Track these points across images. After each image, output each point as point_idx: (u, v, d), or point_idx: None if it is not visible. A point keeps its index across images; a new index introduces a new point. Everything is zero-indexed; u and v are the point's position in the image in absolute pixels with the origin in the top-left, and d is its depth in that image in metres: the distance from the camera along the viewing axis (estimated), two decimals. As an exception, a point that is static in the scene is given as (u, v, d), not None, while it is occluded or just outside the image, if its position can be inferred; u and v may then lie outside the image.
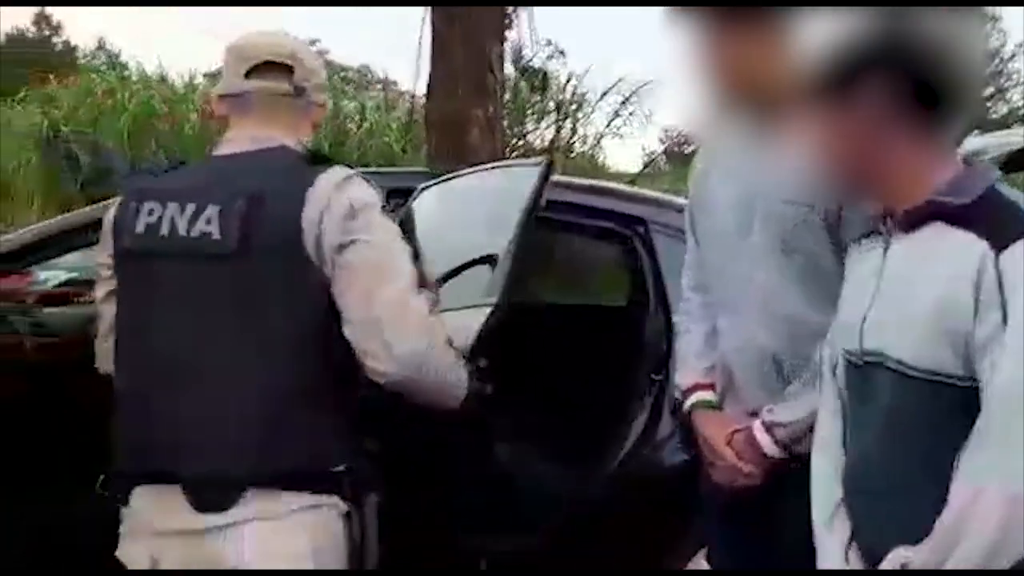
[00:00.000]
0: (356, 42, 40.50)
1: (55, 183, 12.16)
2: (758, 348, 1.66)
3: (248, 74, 1.62)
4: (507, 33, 6.25)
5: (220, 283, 1.50)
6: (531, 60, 8.64)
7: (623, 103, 11.83)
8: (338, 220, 1.47)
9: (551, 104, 11.20)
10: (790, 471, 1.57)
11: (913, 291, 1.18)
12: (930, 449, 1.16)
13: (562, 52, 8.70)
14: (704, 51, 1.55)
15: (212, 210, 1.49)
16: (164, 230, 1.52)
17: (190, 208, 1.51)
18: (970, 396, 1.11)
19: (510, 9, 6.22)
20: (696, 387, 1.79)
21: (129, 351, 1.61)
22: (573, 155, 11.52)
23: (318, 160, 1.56)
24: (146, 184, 1.63)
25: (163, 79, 14.63)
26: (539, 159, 2.04)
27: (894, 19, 1.15)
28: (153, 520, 1.54)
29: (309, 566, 1.50)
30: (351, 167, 1.58)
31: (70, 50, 30.85)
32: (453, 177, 2.26)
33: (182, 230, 1.51)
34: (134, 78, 14.47)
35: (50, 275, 2.80)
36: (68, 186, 11.93)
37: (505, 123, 6.13)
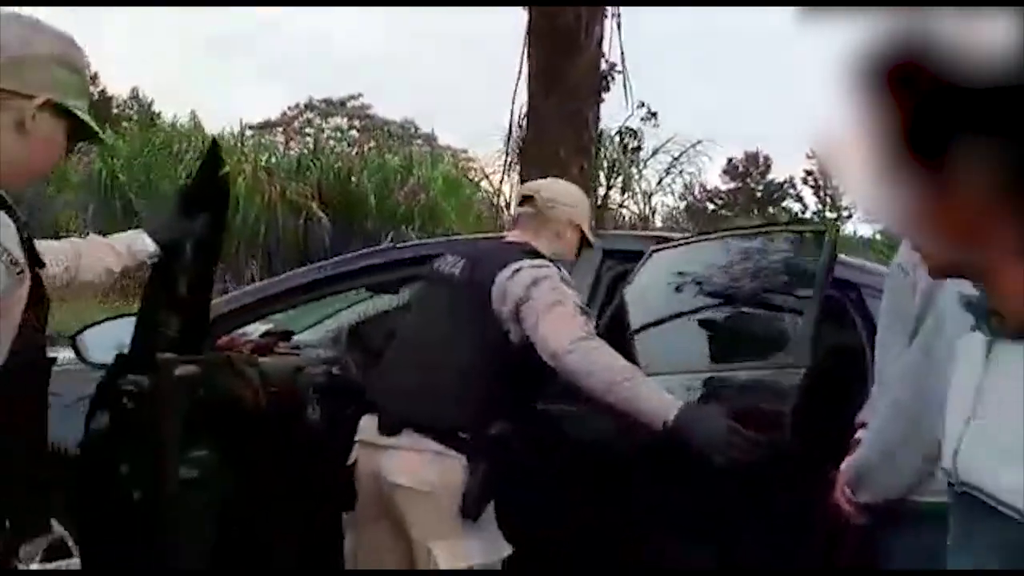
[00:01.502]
0: (399, 96, 41.02)
1: (110, 230, 12.34)
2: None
3: (520, 203, 2.46)
4: (603, 94, 6.34)
5: (448, 301, 2.28)
6: (626, 121, 8.80)
7: (674, 161, 11.99)
8: (523, 285, 2.13)
9: (604, 162, 11.34)
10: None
11: (1019, 419, 0.92)
12: None
13: (654, 114, 8.83)
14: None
15: (461, 262, 2.30)
16: (440, 269, 2.33)
17: (455, 259, 2.33)
18: None
19: (605, 68, 6.36)
20: (861, 424, 1.85)
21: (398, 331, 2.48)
22: (624, 211, 11.63)
23: (535, 255, 2.27)
24: (445, 246, 2.56)
25: (198, 127, 14.93)
26: (813, 225, 2.13)
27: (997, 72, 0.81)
28: (362, 433, 2.22)
29: (429, 492, 2.09)
30: (551, 261, 2.25)
31: (106, 100, 31.47)
32: (691, 241, 2.33)
33: (446, 270, 2.31)
34: (168, 126, 14.74)
35: (252, 327, 2.89)
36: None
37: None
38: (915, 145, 0.84)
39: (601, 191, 11.80)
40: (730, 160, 34.16)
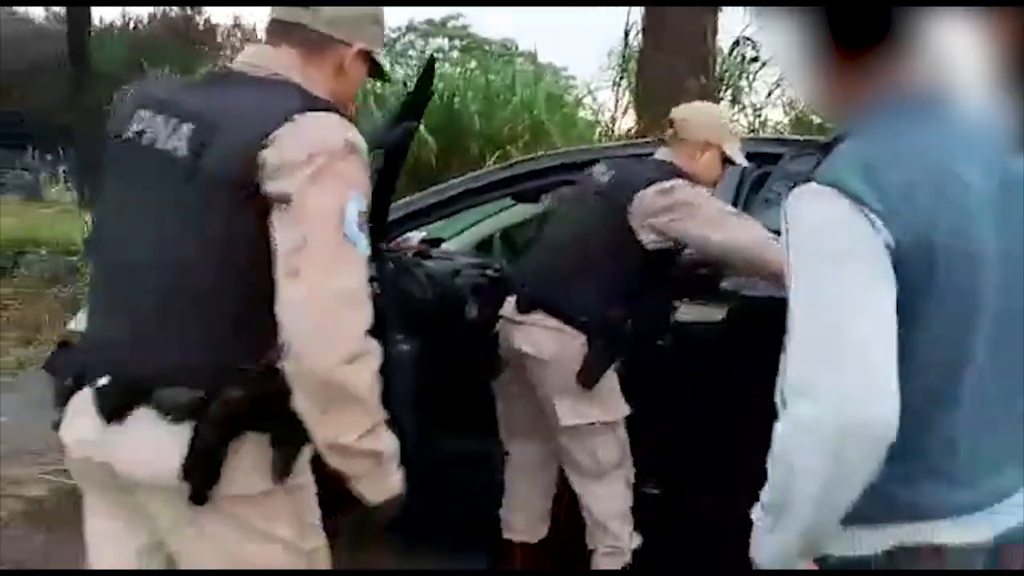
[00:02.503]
0: (498, 14, 40.49)
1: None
2: None
3: (668, 126, 2.71)
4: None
5: (592, 204, 2.62)
6: (744, 31, 8.62)
7: (784, 74, 11.64)
8: (677, 201, 2.45)
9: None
10: None
11: None
12: None
13: None
14: None
15: (611, 172, 2.63)
16: (593, 175, 2.68)
17: (606, 169, 2.67)
18: None
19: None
20: None
21: (546, 227, 2.92)
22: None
23: (678, 174, 2.54)
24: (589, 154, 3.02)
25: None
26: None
27: None
28: (504, 311, 2.63)
29: (550, 361, 2.49)
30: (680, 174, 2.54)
31: (211, 28, 32.19)
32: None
33: (596, 177, 2.66)
34: None
35: (409, 235, 3.13)
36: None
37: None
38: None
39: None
40: (839, 71, 32.59)
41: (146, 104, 1.46)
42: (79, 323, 3.41)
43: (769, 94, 12.51)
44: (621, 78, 11.56)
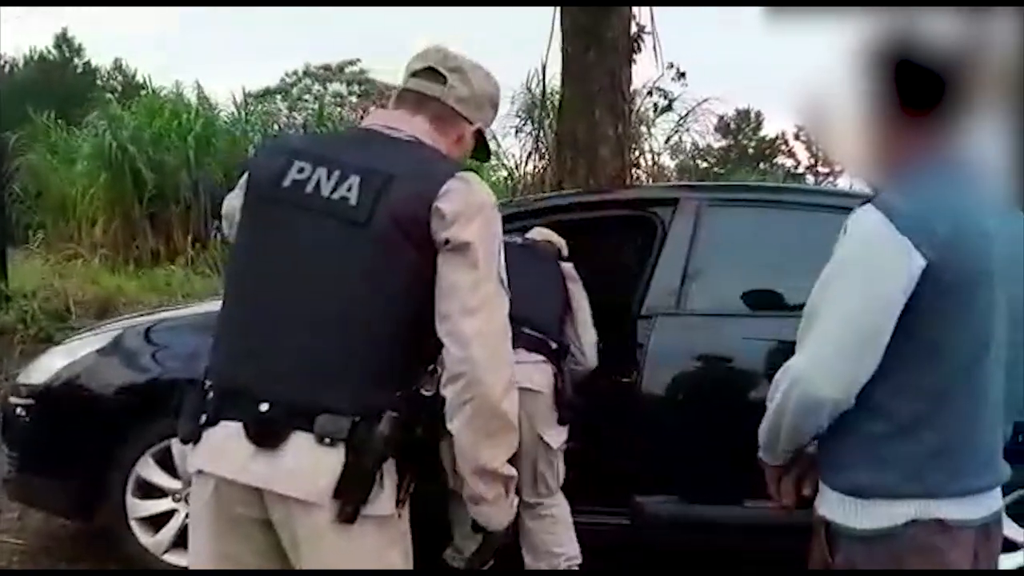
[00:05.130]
0: (397, 60, 40.55)
1: (120, 203, 12.27)
2: None
3: None
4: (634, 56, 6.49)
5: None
6: (656, 82, 8.96)
7: (680, 121, 12.13)
8: None
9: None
10: None
11: None
12: None
13: (683, 74, 9.00)
14: None
15: None
16: None
17: None
18: None
19: (635, 30, 6.50)
20: None
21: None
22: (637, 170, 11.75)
23: None
24: None
25: (202, 98, 14.70)
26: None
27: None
28: None
29: (540, 391, 2.87)
30: None
31: (91, 71, 31.17)
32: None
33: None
34: (174, 95, 14.44)
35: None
36: (131, 206, 12.10)
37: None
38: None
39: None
40: (721, 117, 34.13)
41: (301, 156, 1.57)
42: (31, 375, 3.28)
43: (667, 140, 13.01)
44: (525, 124, 11.81)
